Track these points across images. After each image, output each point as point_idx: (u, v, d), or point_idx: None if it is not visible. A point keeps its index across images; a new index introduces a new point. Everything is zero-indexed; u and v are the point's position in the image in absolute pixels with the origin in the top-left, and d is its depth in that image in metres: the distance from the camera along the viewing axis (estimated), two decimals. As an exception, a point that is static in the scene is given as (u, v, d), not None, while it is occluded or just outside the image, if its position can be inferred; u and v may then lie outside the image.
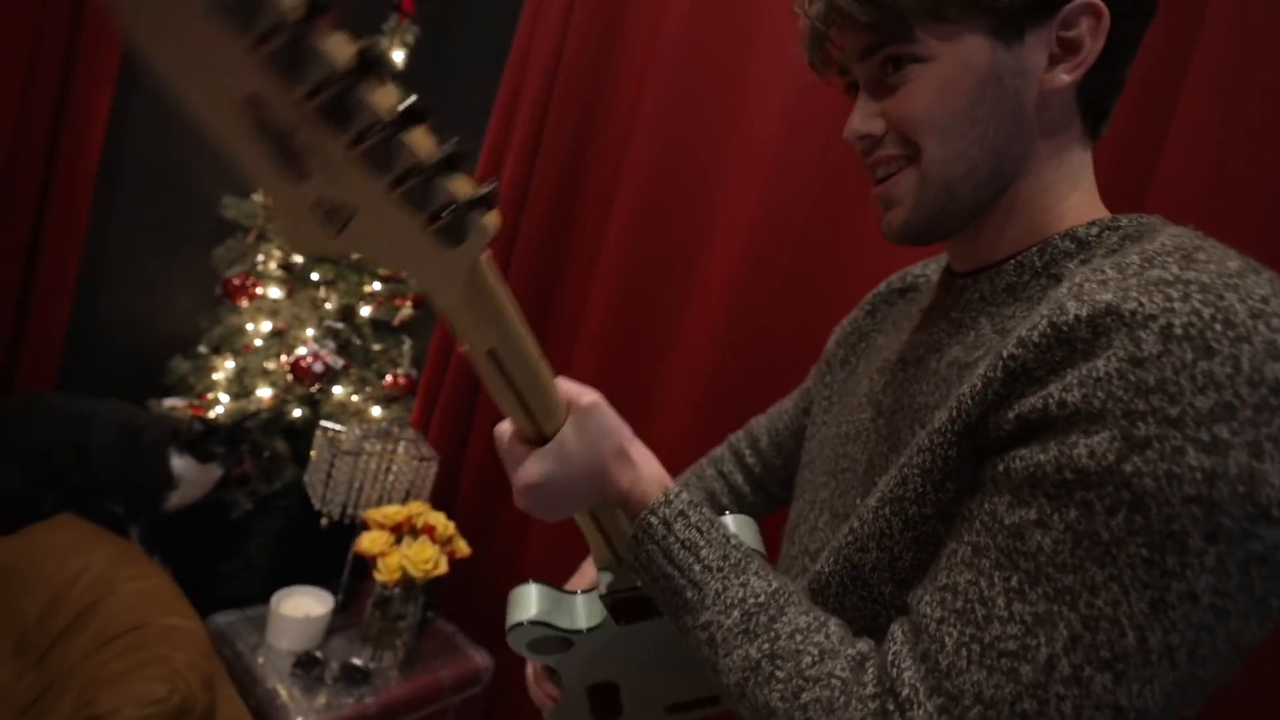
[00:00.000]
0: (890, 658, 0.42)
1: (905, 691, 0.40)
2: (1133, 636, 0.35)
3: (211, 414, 1.51)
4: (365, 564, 1.39)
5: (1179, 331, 0.35)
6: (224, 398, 1.55)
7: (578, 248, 1.49)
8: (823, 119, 1.11)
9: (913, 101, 0.48)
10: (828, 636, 0.45)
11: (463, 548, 1.34)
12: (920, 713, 0.39)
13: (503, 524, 1.58)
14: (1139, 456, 0.35)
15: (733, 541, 0.51)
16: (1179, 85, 0.83)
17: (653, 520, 0.50)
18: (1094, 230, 0.48)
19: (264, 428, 1.52)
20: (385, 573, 1.24)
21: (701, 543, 0.50)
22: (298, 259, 1.53)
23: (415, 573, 1.23)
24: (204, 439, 1.36)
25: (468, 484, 1.62)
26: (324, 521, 1.56)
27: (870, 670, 0.43)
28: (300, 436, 1.59)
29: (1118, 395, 0.36)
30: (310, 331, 1.54)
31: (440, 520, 1.33)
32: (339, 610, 1.42)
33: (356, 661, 1.27)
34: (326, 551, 1.62)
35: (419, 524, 1.31)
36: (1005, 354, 0.40)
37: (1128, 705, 0.35)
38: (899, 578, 0.46)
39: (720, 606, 0.47)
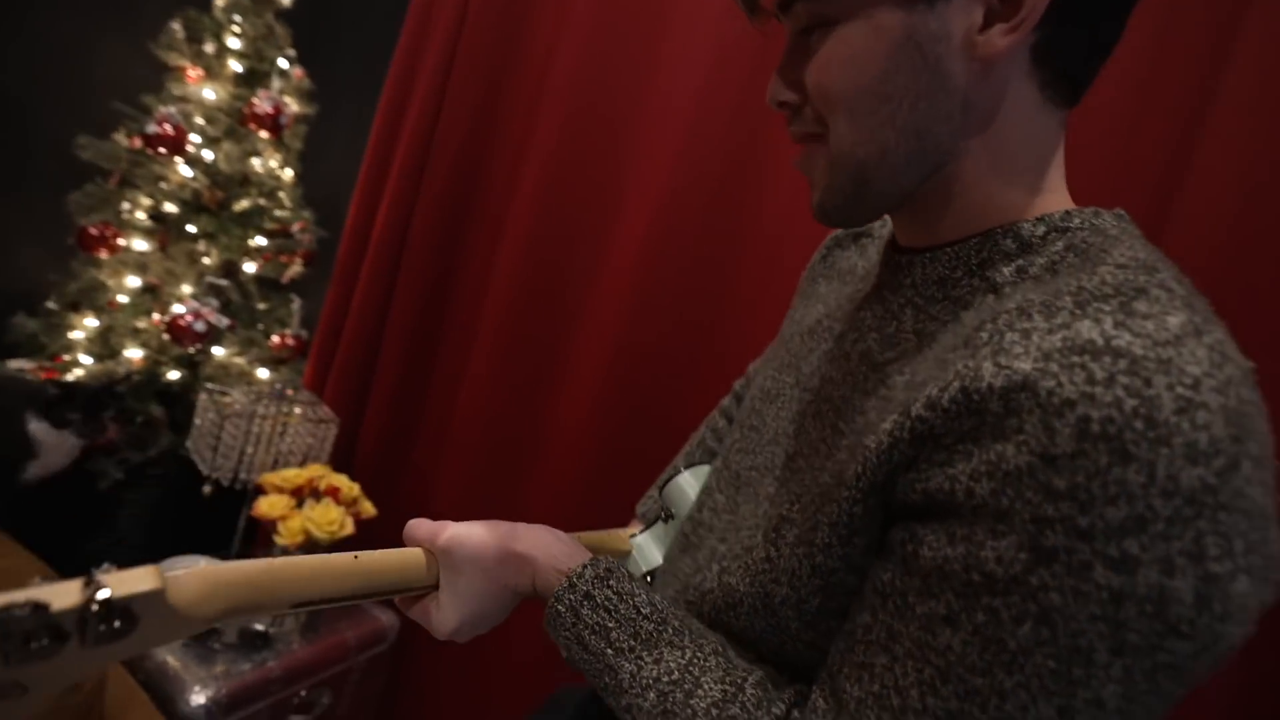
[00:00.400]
0: None
1: None
2: None
3: (71, 376, 1.38)
4: (255, 532, 1.35)
5: (1096, 429, 0.32)
6: (85, 359, 1.41)
7: (483, 211, 1.48)
8: (734, 92, 1.18)
9: (821, 73, 0.43)
10: (743, 707, 0.45)
11: (368, 509, 1.33)
12: None
13: (405, 484, 1.57)
14: (1046, 569, 0.33)
15: (644, 611, 0.49)
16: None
17: (560, 609, 0.50)
18: (1040, 230, 0.42)
19: (136, 391, 1.41)
20: (287, 536, 1.21)
21: (610, 624, 0.49)
22: (170, 208, 1.41)
23: (320, 535, 1.22)
24: (58, 403, 1.25)
25: (367, 445, 1.59)
26: (207, 490, 1.48)
27: None
28: (177, 401, 1.49)
29: (1027, 497, 0.34)
30: (187, 288, 1.43)
31: (344, 482, 1.31)
32: (230, 579, 1.36)
33: (257, 626, 1.24)
34: (210, 521, 1.54)
35: (322, 486, 1.28)
36: (914, 414, 0.38)
37: None
38: (806, 618, 0.45)
39: (637, 690, 0.47)
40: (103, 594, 0.34)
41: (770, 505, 0.51)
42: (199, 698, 1.13)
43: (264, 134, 1.46)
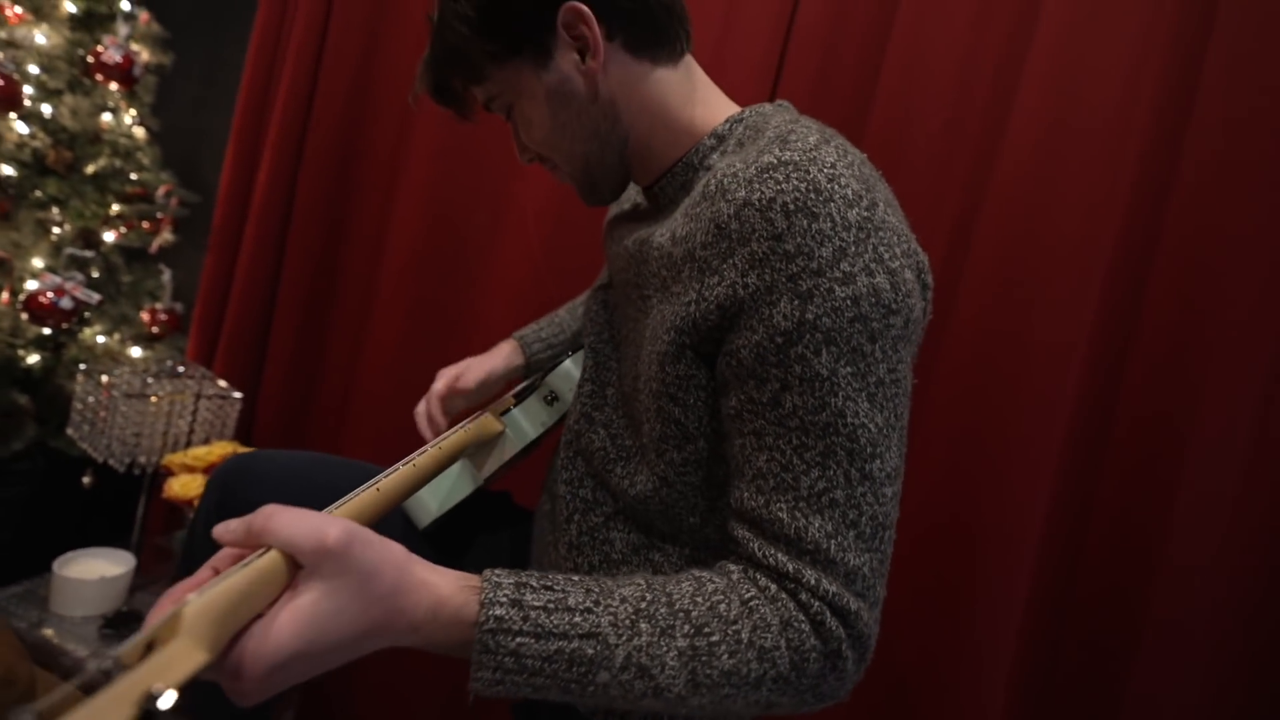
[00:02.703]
0: (760, 555, 0.47)
1: (790, 569, 0.46)
2: (873, 427, 0.47)
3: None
4: (152, 519, 1.28)
5: (792, 207, 0.46)
6: (-84, 348, 1.24)
7: (374, 170, 1.44)
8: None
9: (525, 135, 0.64)
10: (710, 579, 0.47)
11: (288, 480, 1.31)
12: (810, 574, 0.46)
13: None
14: (812, 305, 0.45)
15: (573, 576, 0.46)
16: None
17: (498, 612, 0.42)
18: (725, 126, 0.61)
19: (-10, 380, 1.26)
20: (207, 515, 1.18)
21: (560, 594, 0.44)
22: (8, 169, 1.25)
23: (244, 510, 1.19)
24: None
25: (266, 418, 1.53)
26: (87, 480, 1.38)
27: (759, 577, 0.47)
28: (39, 386, 1.35)
29: (776, 267, 0.46)
30: (39, 261, 1.29)
31: (260, 455, 1.28)
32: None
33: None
34: (95, 512, 1.43)
35: (237, 462, 1.25)
36: (697, 256, 0.51)
37: (892, 470, 0.48)
38: (655, 448, 0.57)
39: (627, 635, 0.44)
40: (164, 702, 0.29)
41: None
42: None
43: (114, 86, 1.32)
